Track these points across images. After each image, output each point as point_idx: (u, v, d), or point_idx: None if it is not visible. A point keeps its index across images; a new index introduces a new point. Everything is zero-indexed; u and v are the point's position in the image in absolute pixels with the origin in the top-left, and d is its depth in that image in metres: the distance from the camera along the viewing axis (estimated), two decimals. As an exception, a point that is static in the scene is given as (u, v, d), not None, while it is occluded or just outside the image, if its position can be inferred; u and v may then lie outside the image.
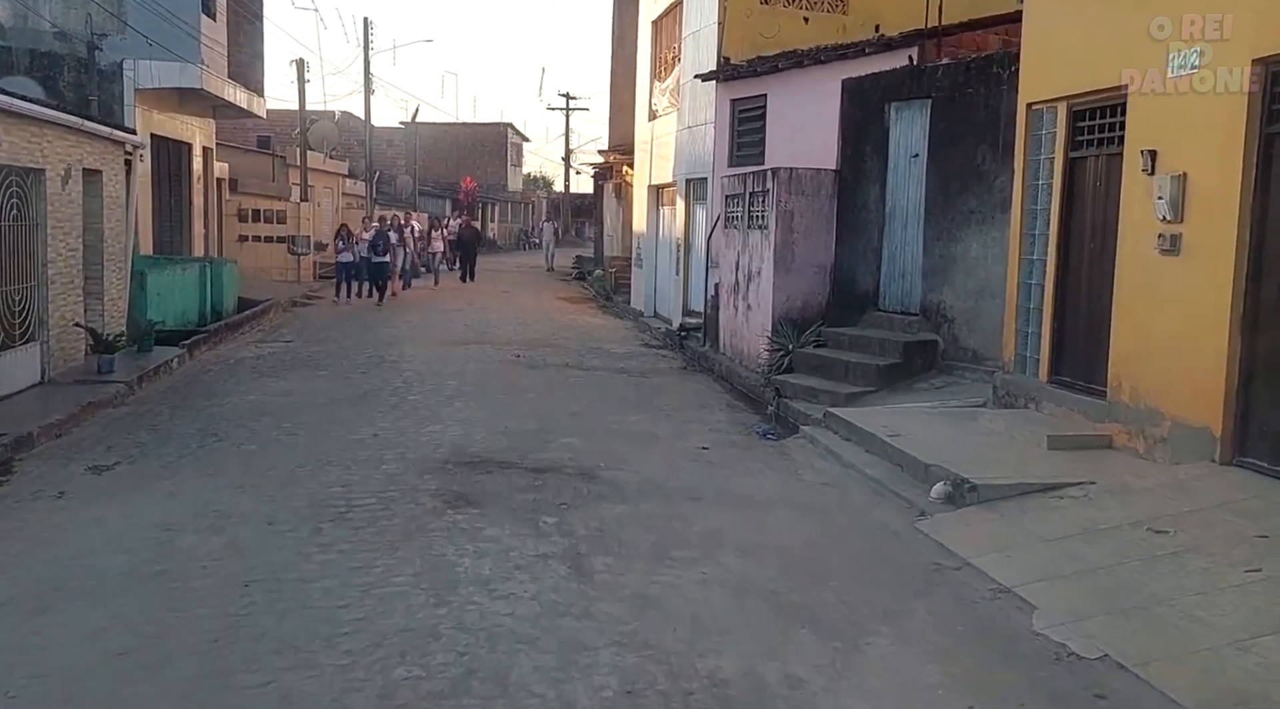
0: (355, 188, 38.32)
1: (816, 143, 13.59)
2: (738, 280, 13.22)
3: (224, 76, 22.05)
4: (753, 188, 12.65)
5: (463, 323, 18.08)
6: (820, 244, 12.02)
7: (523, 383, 11.89)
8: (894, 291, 11.29)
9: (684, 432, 9.58)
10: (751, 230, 12.69)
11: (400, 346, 14.75)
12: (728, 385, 12.58)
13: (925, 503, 6.94)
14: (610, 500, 6.92)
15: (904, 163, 11.13)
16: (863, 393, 10.24)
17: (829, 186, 12.03)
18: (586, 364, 13.77)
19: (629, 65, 33.69)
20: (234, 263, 19.62)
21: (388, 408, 10.12)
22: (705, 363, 14.21)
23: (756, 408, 11.12)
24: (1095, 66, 8.08)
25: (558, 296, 25.49)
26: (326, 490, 7.00)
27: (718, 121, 16.16)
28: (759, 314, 12.37)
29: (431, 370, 12.61)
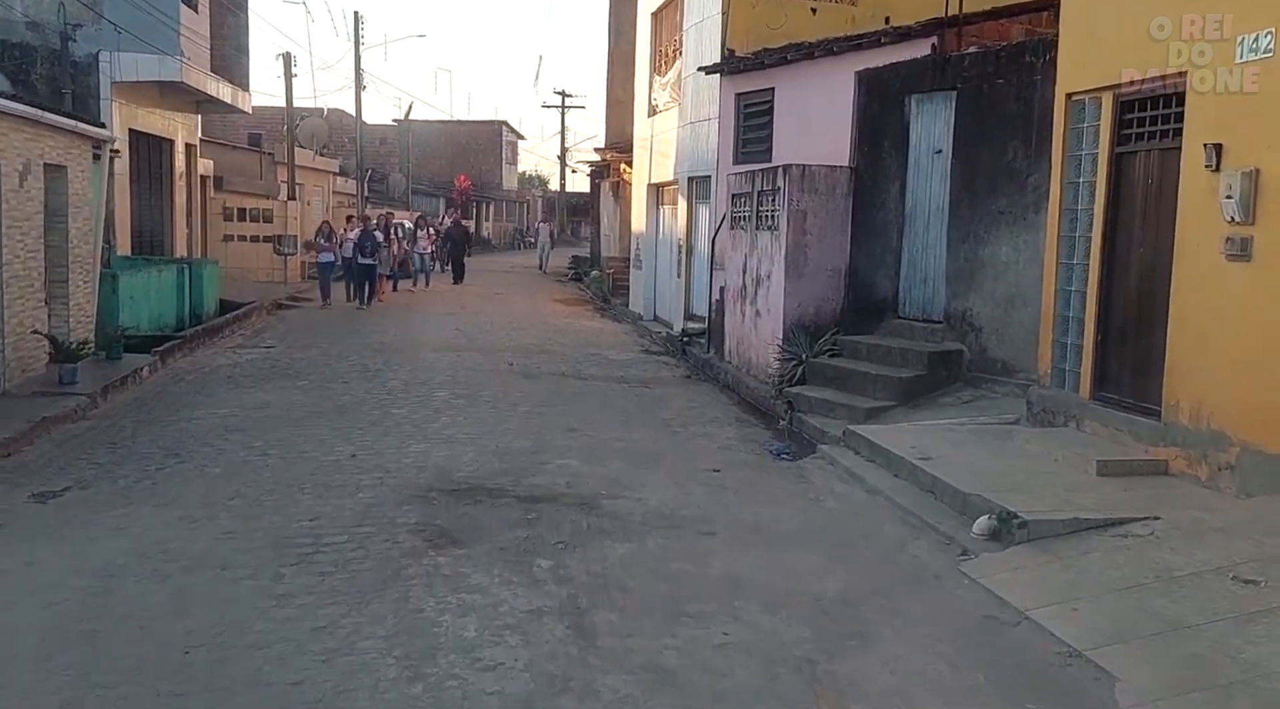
0: (347, 186, 37.49)
1: (828, 139, 12.82)
2: (745, 284, 12.45)
3: (206, 70, 21.27)
4: (762, 186, 11.88)
5: (454, 327, 17.28)
6: (835, 246, 11.25)
7: (516, 394, 11.11)
8: (915, 297, 10.53)
9: (692, 450, 8.81)
10: (760, 231, 11.92)
11: (387, 354, 13.95)
12: (735, 396, 11.81)
13: (967, 538, 6.18)
14: (613, 537, 6.14)
15: (926, 159, 10.37)
16: (884, 408, 9.47)
17: (844, 185, 11.27)
18: (584, 373, 12.99)
19: (626, 61, 32.95)
20: (216, 264, 18.82)
21: (369, 423, 9.33)
22: (710, 371, 13.43)
23: (768, 422, 10.35)
24: (1147, 52, 7.31)
25: (553, 299, 24.71)
26: (293, 524, 6.21)
27: (722, 117, 15.39)
28: (769, 320, 11.60)
29: (419, 380, 11.82)
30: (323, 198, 34.92)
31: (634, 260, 21.05)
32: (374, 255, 19.71)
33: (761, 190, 11.89)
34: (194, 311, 16.65)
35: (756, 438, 9.59)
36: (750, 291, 12.25)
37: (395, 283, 21.87)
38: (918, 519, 6.67)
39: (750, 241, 12.27)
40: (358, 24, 33.05)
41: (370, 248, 19.64)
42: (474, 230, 53.15)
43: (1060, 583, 5.41)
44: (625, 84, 32.70)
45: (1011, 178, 9.36)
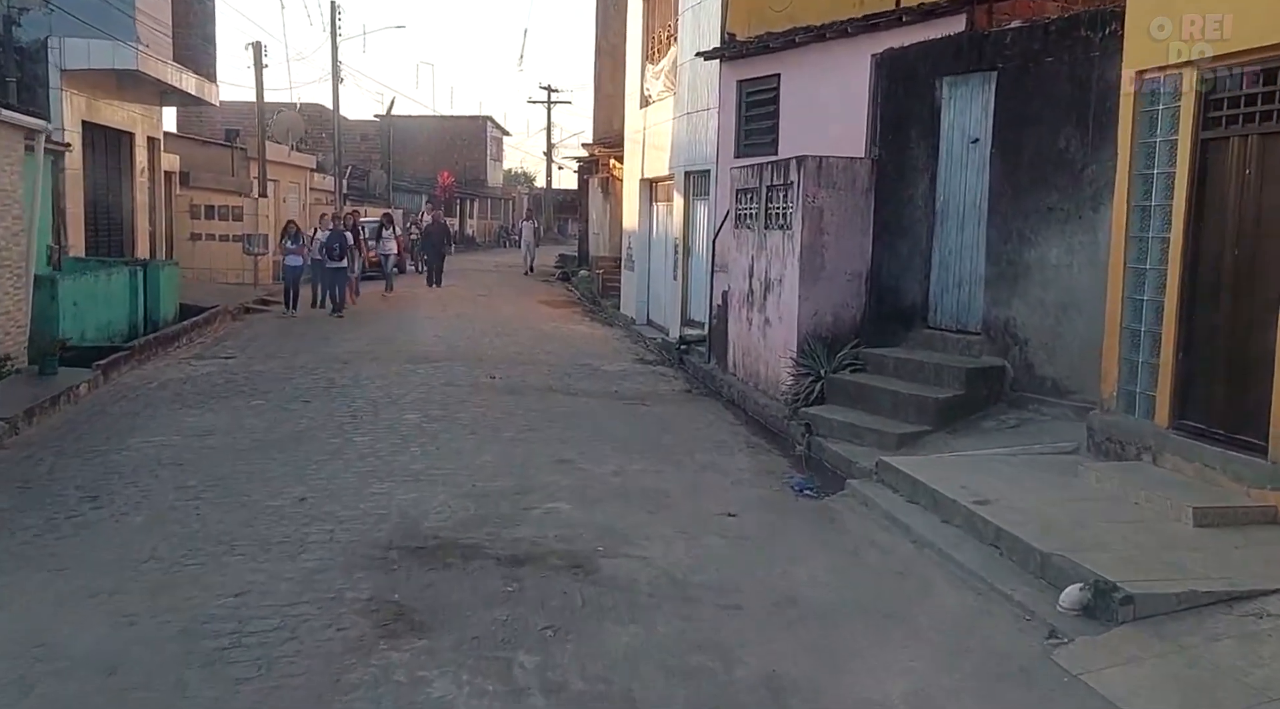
0: (325, 183, 36.12)
1: (841, 128, 11.62)
2: (752, 289, 11.24)
3: (168, 59, 19.95)
4: (772, 180, 10.67)
5: (432, 334, 16.01)
6: (854, 247, 10.05)
7: (498, 415, 9.87)
8: (947, 305, 9.34)
9: (701, 485, 7.59)
10: (770, 230, 10.71)
11: (357, 365, 12.69)
12: (742, 415, 10.60)
13: (1051, 612, 4.98)
14: (614, 615, 4.92)
15: (960, 149, 9.18)
16: (918, 433, 8.27)
17: (864, 178, 10.06)
18: (574, 387, 11.75)
19: (614, 53, 31.79)
20: (175, 265, 17.49)
21: (327, 455, 8.08)
22: (712, 384, 12.22)
23: (782, 446, 9.15)
24: (1244, 20, 6.17)
25: (539, 300, 23.45)
26: (214, 602, 4.97)
27: (722, 106, 14.17)
28: (780, 330, 10.39)
29: (388, 398, 10.56)
30: (299, 195, 33.55)
31: (626, 261, 19.83)
32: (344, 257, 18.23)
33: (771, 185, 10.68)
34: (150, 318, 15.36)
35: (772, 467, 8.38)
36: (758, 297, 11.05)
37: (356, 287, 20.15)
38: (983, 583, 5.47)
39: (758, 242, 11.06)
40: (334, 13, 31.72)
41: (340, 249, 18.16)
42: (458, 228, 51.88)
43: (1191, 685, 4.22)
44: (614, 77, 31.66)
45: (1063, 169, 8.18)
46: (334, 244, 18.31)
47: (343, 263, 18.25)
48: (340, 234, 18.62)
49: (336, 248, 18.16)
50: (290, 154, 32.36)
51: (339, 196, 33.34)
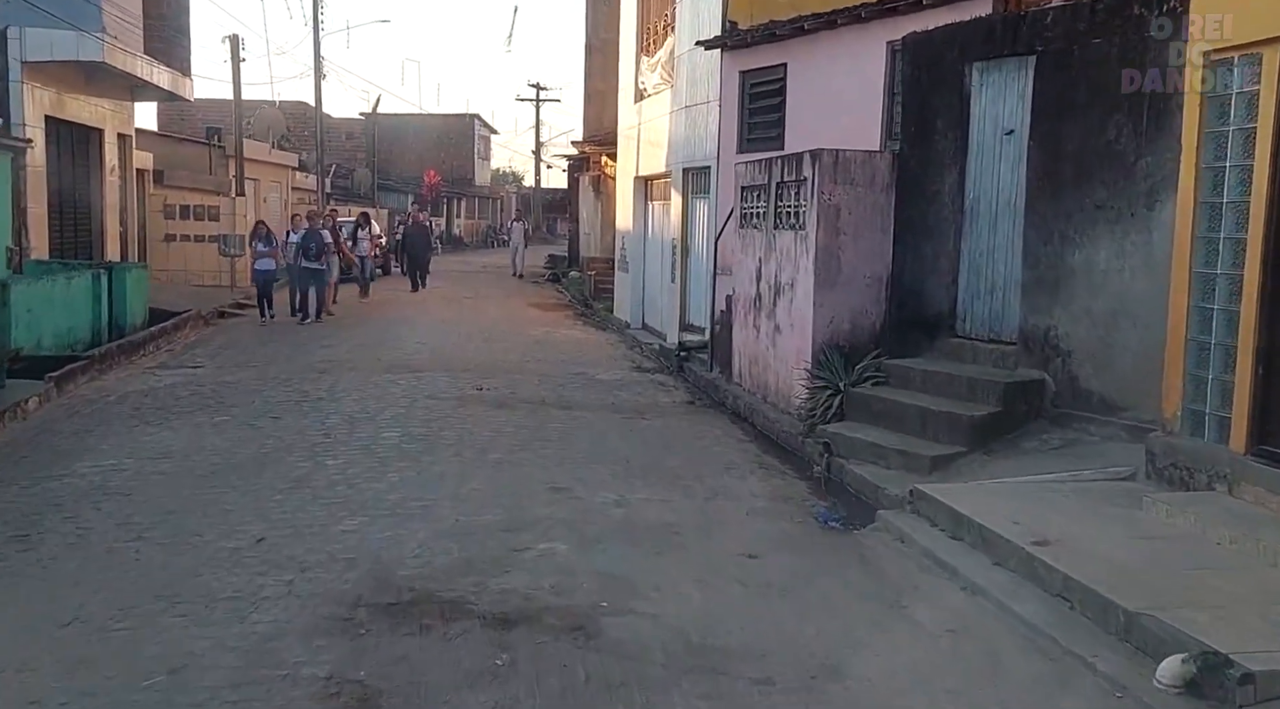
0: (308, 182, 35.18)
1: (853, 121, 10.85)
2: (760, 293, 10.42)
3: (138, 52, 19.05)
4: (782, 176, 9.84)
5: (415, 340, 15.13)
6: (874, 248, 9.23)
7: (485, 433, 9.01)
8: (978, 312, 8.53)
9: (713, 517, 6.76)
10: (781, 230, 9.89)
11: (334, 376, 11.81)
12: (750, 430, 9.78)
13: (1146, 688, 4.17)
14: (624, 696, 4.07)
15: (993, 141, 8.36)
16: (951, 455, 7.46)
17: (884, 174, 9.25)
18: (569, 399, 10.90)
19: (605, 48, 30.91)
20: (144, 268, 16.53)
21: (293, 483, 7.21)
22: (715, 395, 11.39)
23: (797, 467, 8.33)
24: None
25: (529, 303, 22.59)
26: (140, 684, 4.10)
27: (724, 99, 13.36)
28: (793, 338, 9.57)
29: (366, 414, 9.70)
30: (280, 194, 32.59)
31: (619, 262, 19.00)
32: (320, 258, 17.00)
33: (782, 181, 9.85)
34: (116, 324, 14.43)
35: (790, 492, 7.55)
36: (767, 302, 10.22)
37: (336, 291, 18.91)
38: (1056, 646, 4.64)
39: (766, 243, 10.24)
40: (316, 5, 30.74)
41: (316, 250, 16.90)
42: (444, 228, 50.95)
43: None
44: (604, 74, 30.80)
45: (1113, 162, 7.37)
46: (309, 244, 16.99)
47: (320, 264, 16.96)
48: (316, 233, 17.30)
49: (313, 248, 16.88)
50: (271, 152, 31.40)
51: (321, 196, 32.39)
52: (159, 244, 23.29)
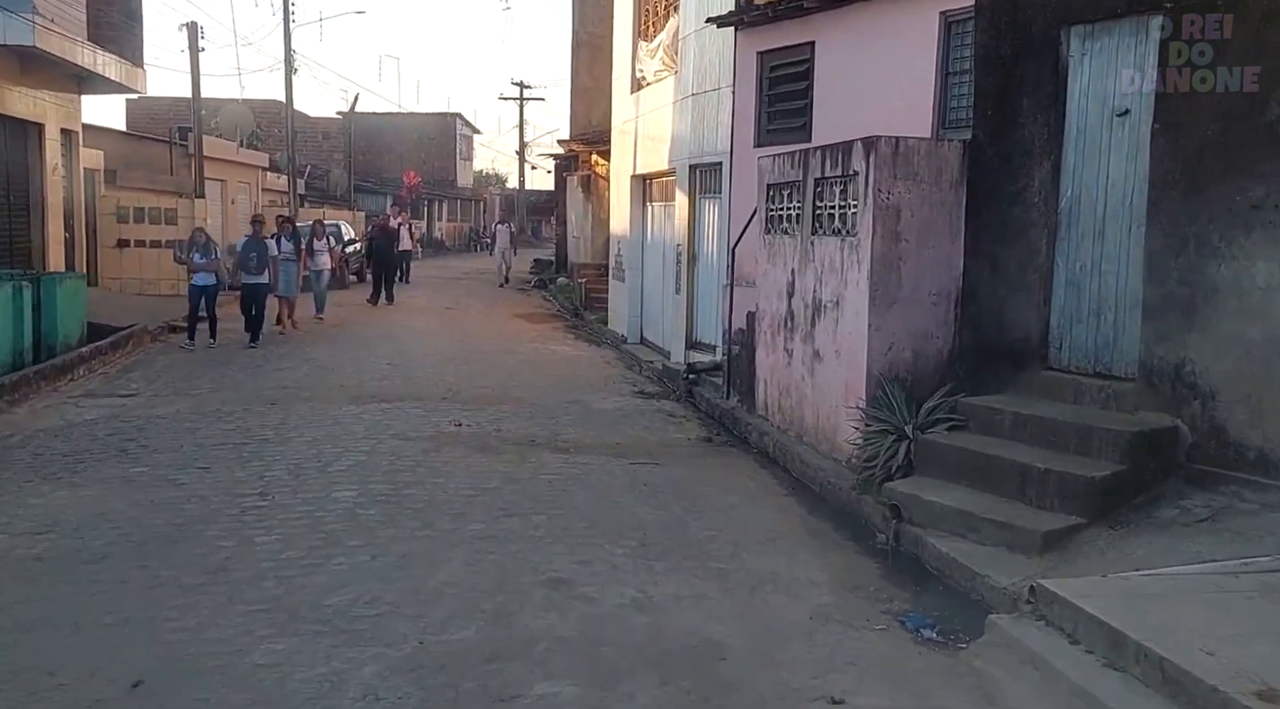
0: (279, 183, 33.30)
1: (896, 109, 9.20)
2: (793, 311, 8.71)
3: (80, 38, 17.22)
4: (824, 171, 8.13)
5: (385, 361, 13.34)
6: (941, 259, 7.54)
7: (463, 489, 7.25)
8: (1080, 339, 6.83)
9: (769, 625, 5.01)
10: (821, 236, 8.18)
11: (285, 408, 10.03)
12: (785, 477, 8.06)
13: None
14: None
15: (1098, 125, 6.67)
16: (1068, 530, 5.75)
17: (954, 168, 7.55)
18: (563, 437, 9.15)
19: (593, 42, 29.22)
20: (80, 278, 14.65)
21: (206, 576, 5.42)
22: (735, 428, 9.68)
23: (854, 530, 6.63)
24: None
25: (514, 314, 20.81)
26: None
27: (739, 85, 11.66)
28: (839, 368, 7.85)
29: (317, 462, 7.92)
30: (250, 196, 30.75)
31: (615, 269, 17.26)
32: (263, 271, 14.62)
33: (823, 177, 8.14)
34: (46, 342, 12.61)
35: (859, 578, 5.81)
36: (802, 322, 8.51)
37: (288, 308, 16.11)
38: None
39: (801, 251, 8.53)
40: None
41: (258, 260, 14.56)
42: (425, 231, 49.10)
43: None
44: (592, 69, 29.22)
45: (1276, 149, 5.70)
46: (250, 253, 14.64)
47: (262, 277, 14.57)
48: (257, 242, 14.86)
49: (253, 259, 14.55)
50: (239, 151, 29.55)
51: (293, 197, 30.51)
52: (110, 250, 21.43)
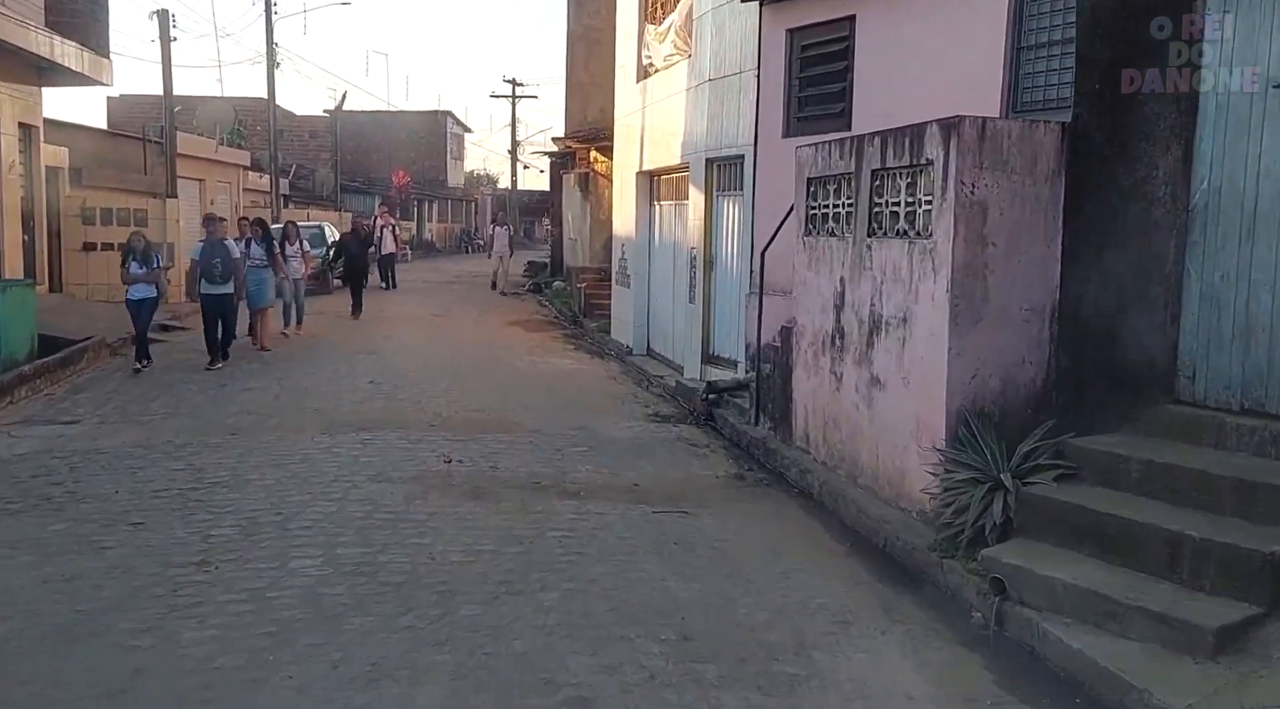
0: (262, 182, 31.89)
1: (956, 90, 7.84)
2: (842, 327, 7.36)
3: (36, 25, 15.84)
4: (883, 161, 6.79)
5: (366, 379, 11.94)
6: (1035, 266, 6.19)
7: (452, 555, 5.88)
8: (1221, 366, 5.49)
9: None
10: (881, 239, 6.83)
11: (246, 439, 8.65)
12: (838, 527, 6.72)
13: None
14: None
15: (1245, 101, 5.35)
16: (1246, 623, 4.40)
17: (1050, 155, 6.20)
18: (572, 477, 7.77)
19: (589, 35, 27.93)
20: (28, 286, 13.20)
21: (102, 697, 4.05)
22: (769, 461, 8.33)
23: (941, 607, 5.29)
24: None
25: (509, 321, 19.42)
26: None
27: (765, 68, 10.30)
28: (909, 399, 6.50)
29: (275, 515, 6.54)
30: (231, 196, 29.30)
31: (618, 274, 15.90)
32: (228, 280, 12.59)
33: (884, 168, 6.80)
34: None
35: (968, 687, 4.45)
36: (856, 341, 7.16)
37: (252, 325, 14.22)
38: None
39: (854, 256, 7.18)
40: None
41: (222, 268, 12.50)
42: (415, 232, 47.72)
43: None
44: (588, 63, 27.91)
45: None
46: (211, 260, 12.47)
47: (228, 286, 12.57)
48: (219, 245, 12.65)
49: (217, 265, 12.45)
50: (218, 149, 28.10)
51: (275, 197, 29.15)
52: (76, 254, 19.98)
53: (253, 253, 13.56)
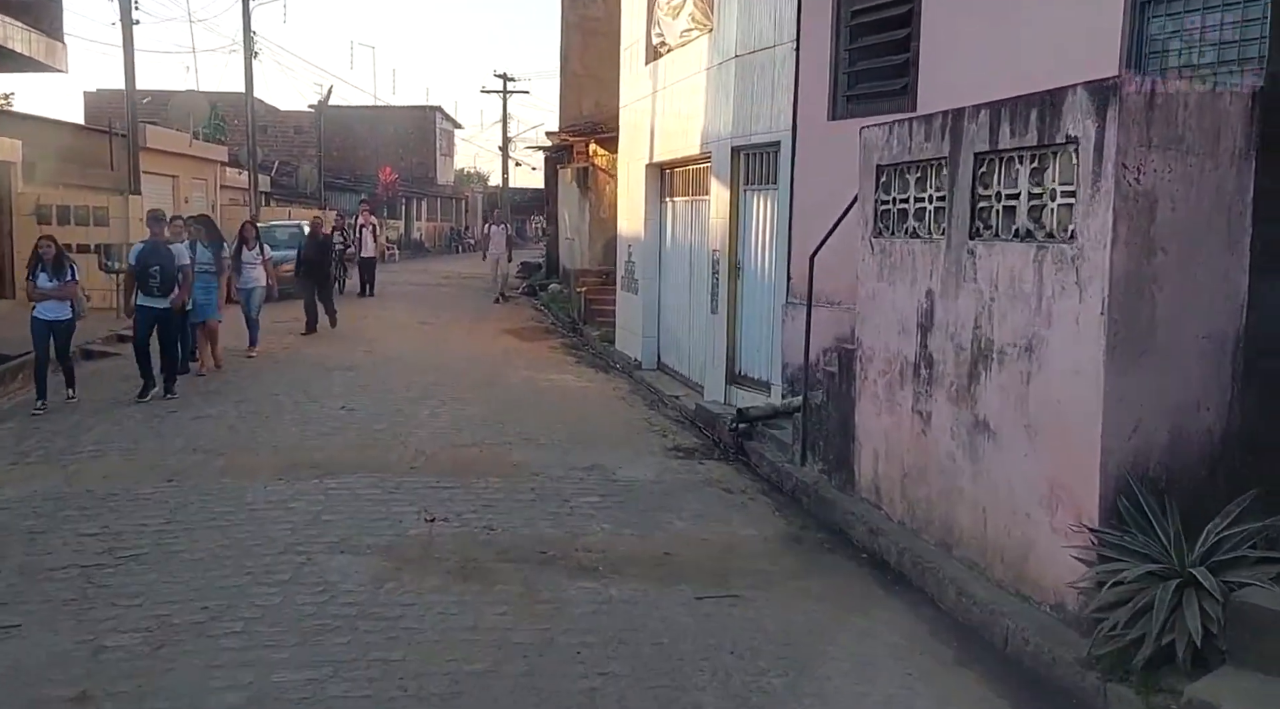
0: (240, 179, 30.23)
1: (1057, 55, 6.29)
2: (931, 354, 5.80)
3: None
4: (994, 139, 5.21)
5: (339, 402, 10.30)
6: (1214, 279, 4.64)
7: (435, 687, 4.30)
8: None
9: None
10: (992, 242, 5.26)
11: (189, 486, 7.05)
12: (933, 612, 5.16)
13: None
14: None
15: None
16: None
17: (1238, 130, 4.64)
18: (587, 541, 6.18)
19: (585, 24, 26.38)
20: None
21: None
22: (824, 512, 6.77)
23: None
24: None
25: (503, 328, 17.81)
26: None
27: (806, 38, 8.75)
28: (1036, 455, 4.92)
29: (199, 607, 4.92)
30: (207, 193, 27.65)
31: (625, 279, 14.31)
32: (170, 290, 10.30)
33: (995, 150, 5.22)
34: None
35: None
36: (951, 372, 5.60)
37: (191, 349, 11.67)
38: None
39: (949, 263, 5.61)
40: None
41: (159, 278, 10.21)
42: (404, 231, 46.08)
43: None
44: (584, 54, 26.41)
45: None
46: (150, 266, 10.23)
47: (163, 300, 10.25)
48: (159, 249, 10.32)
49: (155, 274, 10.18)
50: (193, 143, 26.42)
51: (253, 194, 27.47)
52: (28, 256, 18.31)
53: (200, 257, 11.55)
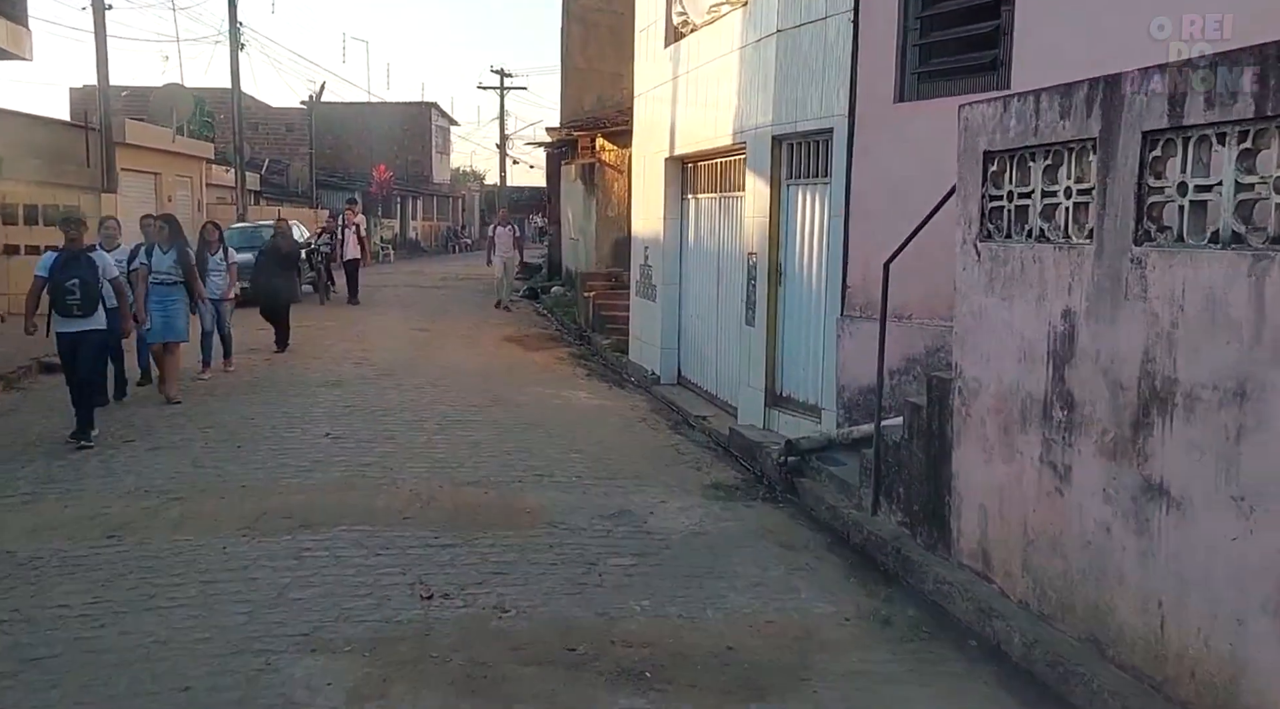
0: (227, 177, 28.91)
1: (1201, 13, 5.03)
2: (1071, 392, 4.51)
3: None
4: (1173, 114, 3.92)
5: (324, 429, 9.00)
6: None
7: None
8: None
9: None
10: (1171, 250, 3.95)
11: (134, 544, 5.74)
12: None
13: None
14: None
15: None
16: None
17: None
18: (624, 627, 4.87)
19: (587, 16, 25.20)
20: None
21: None
22: (912, 578, 5.49)
23: None
24: None
25: (505, 336, 16.50)
26: None
27: (866, 5, 7.48)
28: (1256, 539, 3.63)
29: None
30: (192, 192, 26.33)
31: (640, 284, 13.01)
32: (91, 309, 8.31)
33: (1176, 126, 3.93)
34: None
35: None
36: (1106, 417, 4.30)
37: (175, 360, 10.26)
38: None
39: (1102, 275, 4.32)
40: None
41: (78, 295, 8.22)
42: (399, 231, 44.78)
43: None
44: (585, 47, 25.33)
45: None
46: (66, 281, 8.21)
47: (86, 322, 8.26)
48: (78, 259, 8.32)
49: (73, 289, 8.20)
50: (176, 140, 25.08)
51: (240, 192, 26.17)
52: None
53: (157, 264, 9.95)
